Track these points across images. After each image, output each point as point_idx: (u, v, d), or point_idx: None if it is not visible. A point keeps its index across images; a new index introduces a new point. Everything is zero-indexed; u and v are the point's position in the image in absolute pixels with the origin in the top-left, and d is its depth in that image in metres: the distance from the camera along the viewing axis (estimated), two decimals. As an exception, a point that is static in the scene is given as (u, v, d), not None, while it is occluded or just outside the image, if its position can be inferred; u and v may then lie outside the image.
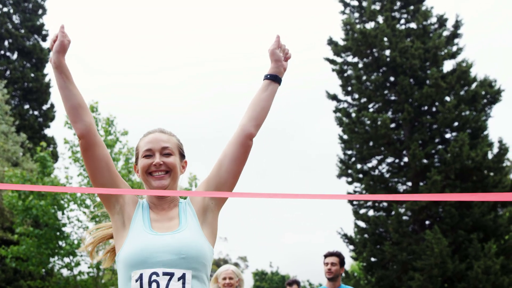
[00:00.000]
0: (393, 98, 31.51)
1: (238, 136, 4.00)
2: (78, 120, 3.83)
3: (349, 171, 31.57)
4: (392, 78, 31.37)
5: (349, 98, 32.75)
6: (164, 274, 3.56)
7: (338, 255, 9.45)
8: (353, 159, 31.78)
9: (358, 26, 32.10)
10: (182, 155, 4.14)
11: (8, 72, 37.83)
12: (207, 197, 3.91)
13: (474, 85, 30.35)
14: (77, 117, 3.83)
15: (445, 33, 31.73)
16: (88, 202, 25.88)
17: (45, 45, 39.34)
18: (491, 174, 28.80)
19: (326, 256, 9.50)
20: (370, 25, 32.55)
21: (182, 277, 3.57)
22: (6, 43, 38.54)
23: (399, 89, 30.24)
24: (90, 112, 3.93)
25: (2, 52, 38.67)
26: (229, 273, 9.07)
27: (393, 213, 29.27)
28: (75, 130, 3.87)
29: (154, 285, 3.56)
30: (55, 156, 35.47)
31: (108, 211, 3.98)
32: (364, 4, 33.13)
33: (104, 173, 3.85)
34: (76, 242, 25.68)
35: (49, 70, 39.21)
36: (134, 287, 3.60)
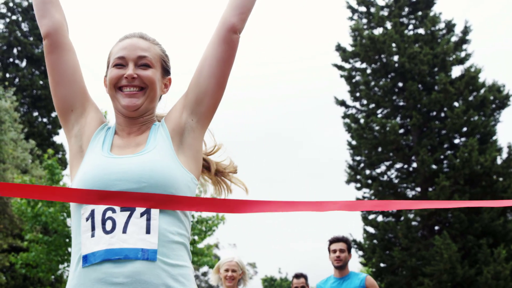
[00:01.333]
0: (401, 103, 31.48)
1: (219, 31, 3.19)
2: (45, 16, 3.18)
3: (358, 177, 31.53)
4: (400, 84, 31.35)
5: (357, 104, 32.74)
6: (123, 209, 2.75)
7: (346, 240, 8.97)
8: (362, 165, 31.73)
9: (366, 32, 32.08)
10: (165, 70, 3.34)
11: (17, 80, 38.00)
12: (186, 113, 3.10)
13: (482, 91, 30.29)
14: (45, 12, 3.19)
15: (454, 39, 31.71)
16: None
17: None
18: (500, 179, 28.72)
19: (332, 242, 9.00)
20: (378, 31, 32.55)
21: (146, 212, 2.75)
22: (15, 50, 38.70)
23: (407, 94, 30.20)
24: (62, 9, 3.28)
25: (11, 59, 38.83)
26: (232, 264, 8.28)
27: (402, 218, 29.22)
28: (40, 29, 3.20)
29: (109, 224, 2.76)
30: (63, 163, 35.64)
31: (65, 132, 3.21)
32: (372, 10, 33.12)
33: (68, 83, 3.13)
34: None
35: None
36: (84, 228, 2.82)
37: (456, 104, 30.22)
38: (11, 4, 39.37)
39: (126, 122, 3.13)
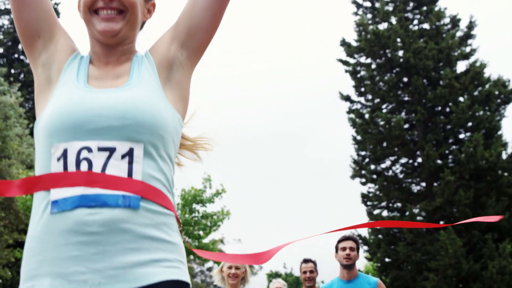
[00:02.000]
0: (406, 98, 31.47)
1: None
2: None
3: (363, 172, 31.53)
4: (405, 79, 31.34)
5: (362, 99, 32.73)
6: (101, 149, 2.33)
7: (355, 239, 8.46)
8: (367, 160, 31.75)
9: (371, 27, 32.08)
10: None
11: (22, 75, 38.04)
12: (175, 46, 2.67)
13: (487, 85, 30.27)
14: None
15: (459, 34, 31.69)
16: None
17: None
18: (505, 174, 28.71)
19: (341, 240, 8.44)
20: (383, 26, 32.54)
21: (128, 154, 2.35)
22: (19, 46, 38.74)
23: (412, 89, 30.19)
24: None
25: (16, 55, 38.89)
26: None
27: (407, 213, 29.21)
28: None
29: (84, 164, 2.36)
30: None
31: (30, 63, 2.77)
32: (377, 5, 33.11)
33: (33, 6, 2.69)
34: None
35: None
36: (54, 169, 2.41)
37: (461, 99, 30.20)
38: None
39: (103, 51, 2.71)
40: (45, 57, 2.70)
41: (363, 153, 31.87)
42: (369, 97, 32.23)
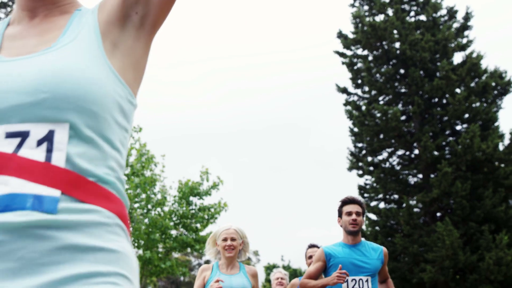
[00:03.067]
0: (403, 90, 31.46)
1: None
2: None
3: (360, 163, 31.55)
4: (402, 71, 31.33)
5: (359, 91, 32.74)
6: (9, 135, 1.65)
7: (361, 203, 7.58)
8: (364, 151, 31.76)
9: (367, 19, 32.05)
10: None
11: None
12: (129, 3, 1.96)
13: (484, 77, 30.27)
14: None
15: (455, 25, 31.68)
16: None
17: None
18: (502, 165, 28.74)
19: (346, 202, 7.54)
20: (379, 17, 32.52)
21: (47, 139, 1.64)
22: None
23: (409, 81, 30.19)
24: None
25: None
26: (230, 232, 7.32)
27: (404, 205, 29.25)
28: None
29: None
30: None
31: None
32: (374, -4, 33.10)
33: None
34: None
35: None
36: None
37: (457, 90, 30.20)
38: (12, -7, 39.35)
39: (32, 3, 2.00)
40: None
41: (360, 145, 31.90)
42: (366, 89, 32.24)
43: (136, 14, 1.99)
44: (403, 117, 31.11)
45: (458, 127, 30.58)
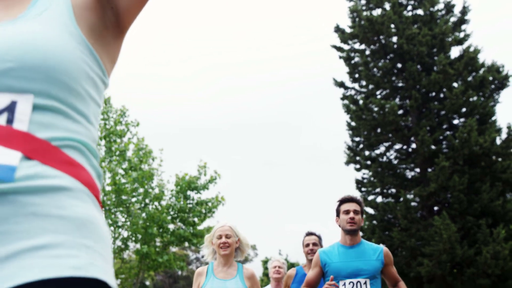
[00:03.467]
0: (400, 84, 31.46)
1: None
2: None
3: (357, 158, 31.57)
4: (399, 65, 31.33)
5: (356, 85, 32.74)
6: None
7: (359, 201, 7.31)
8: (361, 146, 31.77)
9: (365, 13, 32.03)
10: None
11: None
12: None
13: (481, 71, 30.28)
14: None
15: (452, 19, 31.66)
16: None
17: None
18: (499, 159, 28.77)
19: (344, 201, 7.29)
20: (377, 12, 32.48)
21: (8, 110, 1.51)
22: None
23: (406, 75, 30.19)
24: None
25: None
26: (225, 229, 7.14)
27: (401, 199, 29.27)
28: None
29: None
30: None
31: None
32: (371, -10, 33.07)
33: None
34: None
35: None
36: None
37: (455, 84, 30.21)
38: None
39: None
40: None
41: (357, 139, 31.90)
42: (363, 83, 32.23)
43: (111, 9, 1.89)
44: (400, 111, 31.11)
45: (456, 121, 30.60)
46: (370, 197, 30.89)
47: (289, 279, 9.28)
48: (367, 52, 32.14)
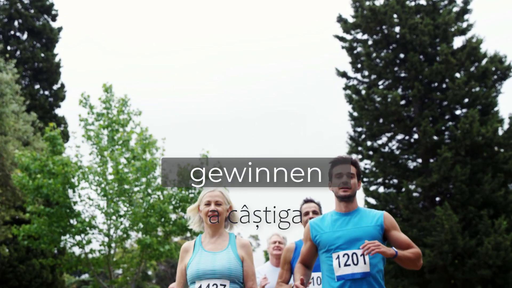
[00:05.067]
0: (403, 75, 31.41)
1: None
2: None
3: (359, 148, 31.53)
4: (402, 55, 31.26)
5: (359, 75, 32.67)
6: None
7: (355, 162, 6.12)
8: (363, 136, 31.73)
9: (367, 3, 31.92)
10: None
11: (18, 52, 37.91)
12: None
13: (484, 61, 30.22)
14: None
15: (455, 9, 31.55)
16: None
17: (55, 25, 39.49)
18: (501, 150, 28.75)
19: (336, 163, 6.09)
20: (379, 1, 32.36)
21: None
22: (16, 23, 38.58)
23: (409, 65, 30.13)
24: None
25: (12, 32, 38.72)
26: (215, 195, 5.93)
27: (403, 189, 29.25)
28: None
29: None
30: (66, 136, 35.75)
31: None
32: (374, -20, 32.98)
33: None
34: (87, 220, 25.85)
35: (59, 50, 39.33)
36: None
37: (457, 75, 30.16)
38: (11, -23, 39.17)
39: None
40: None
41: (359, 129, 31.86)
42: (366, 73, 32.17)
43: None
44: (402, 102, 31.07)
45: (458, 112, 30.57)
46: (372, 187, 30.88)
47: (289, 253, 7.83)
48: (370, 42, 32.08)
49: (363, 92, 31.16)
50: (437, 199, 29.69)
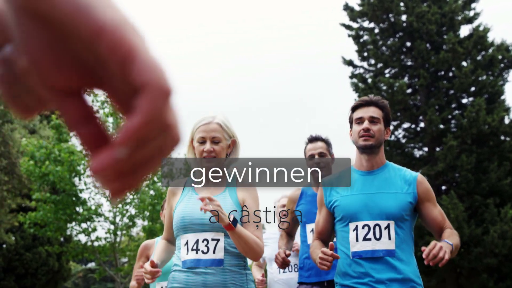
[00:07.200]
0: (409, 63, 31.36)
1: None
2: None
3: (365, 137, 31.47)
4: (408, 43, 31.20)
5: (365, 64, 32.60)
6: None
7: (382, 105, 4.79)
8: (369, 125, 31.66)
9: (374, -9, 31.85)
10: None
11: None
12: None
13: (491, 50, 30.13)
14: None
15: (462, -2, 31.47)
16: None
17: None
18: (508, 139, 28.70)
19: (359, 106, 4.77)
20: (386, -10, 32.29)
21: None
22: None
23: (415, 54, 30.07)
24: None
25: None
26: (212, 129, 4.37)
27: (409, 178, 29.19)
28: None
29: None
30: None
31: None
32: (380, -32, 32.87)
33: None
34: (93, 207, 25.93)
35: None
36: None
37: (464, 63, 30.09)
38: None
39: None
40: None
41: (365, 118, 31.79)
42: (372, 61, 32.11)
43: None
44: (409, 90, 31.02)
45: (464, 101, 30.51)
46: (378, 176, 30.84)
47: (291, 203, 6.47)
48: (376, 31, 32.01)
49: (370, 80, 31.13)
50: (443, 187, 29.67)
